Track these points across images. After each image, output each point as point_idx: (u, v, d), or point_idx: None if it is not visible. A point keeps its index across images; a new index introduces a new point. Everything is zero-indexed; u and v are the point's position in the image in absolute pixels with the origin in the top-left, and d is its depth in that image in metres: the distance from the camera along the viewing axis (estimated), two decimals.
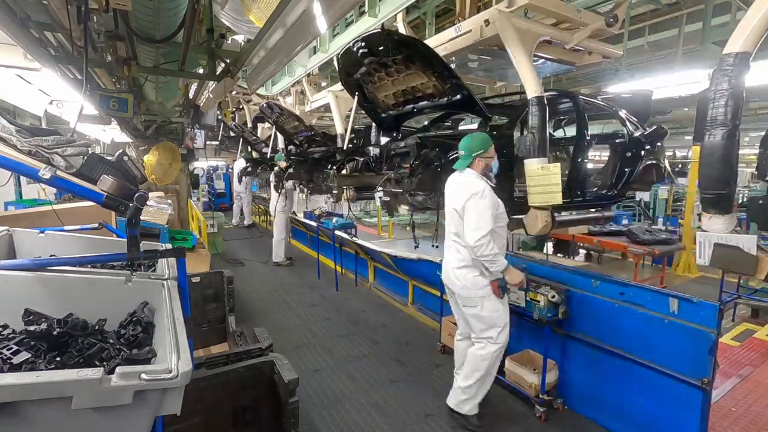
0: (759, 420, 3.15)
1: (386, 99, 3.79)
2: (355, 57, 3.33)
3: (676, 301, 2.68)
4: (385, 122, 4.14)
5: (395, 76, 3.40)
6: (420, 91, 3.43)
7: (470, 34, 3.44)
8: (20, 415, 0.81)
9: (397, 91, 3.60)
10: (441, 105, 3.53)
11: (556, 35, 3.48)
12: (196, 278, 3.64)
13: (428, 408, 3.19)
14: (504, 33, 3.11)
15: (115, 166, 2.53)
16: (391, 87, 3.58)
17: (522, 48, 3.07)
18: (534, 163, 2.99)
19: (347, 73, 3.63)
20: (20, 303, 1.24)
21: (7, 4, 2.36)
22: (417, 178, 3.35)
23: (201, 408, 2.09)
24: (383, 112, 4.02)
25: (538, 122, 2.96)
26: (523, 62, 3.06)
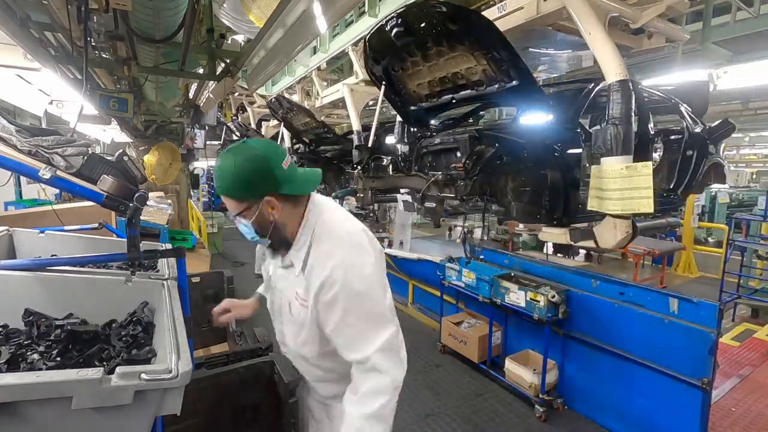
0: (759, 420, 3.15)
1: (419, 89, 3.31)
2: (387, 38, 2.87)
3: (676, 301, 2.68)
4: (413, 117, 3.67)
5: (434, 60, 2.91)
6: (463, 77, 2.93)
7: (521, 12, 2.91)
8: (20, 415, 0.81)
9: (433, 79, 3.13)
10: (488, 94, 2.98)
11: (625, 11, 2.89)
12: (196, 278, 3.64)
13: (428, 408, 3.19)
14: (575, 6, 2.59)
15: (115, 166, 2.53)
16: (427, 74, 3.10)
17: (598, 22, 2.55)
18: (615, 162, 2.42)
19: (375, 59, 3.19)
20: (20, 303, 1.24)
21: (7, 4, 2.36)
22: (474, 180, 2.91)
23: (201, 408, 2.09)
24: (412, 105, 3.54)
25: (622, 112, 2.43)
26: (600, 38, 2.53)
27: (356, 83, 5.31)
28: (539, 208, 2.79)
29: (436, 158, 3.39)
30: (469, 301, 4.10)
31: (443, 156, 3.32)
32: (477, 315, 4.05)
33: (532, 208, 2.85)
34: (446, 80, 3.06)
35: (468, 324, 3.94)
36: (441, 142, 3.27)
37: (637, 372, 2.79)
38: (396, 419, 3.07)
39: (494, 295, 3.42)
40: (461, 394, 3.38)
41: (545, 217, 2.79)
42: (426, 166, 3.46)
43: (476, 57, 2.70)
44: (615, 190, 2.43)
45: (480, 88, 2.93)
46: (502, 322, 3.74)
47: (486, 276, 3.51)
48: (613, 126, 2.41)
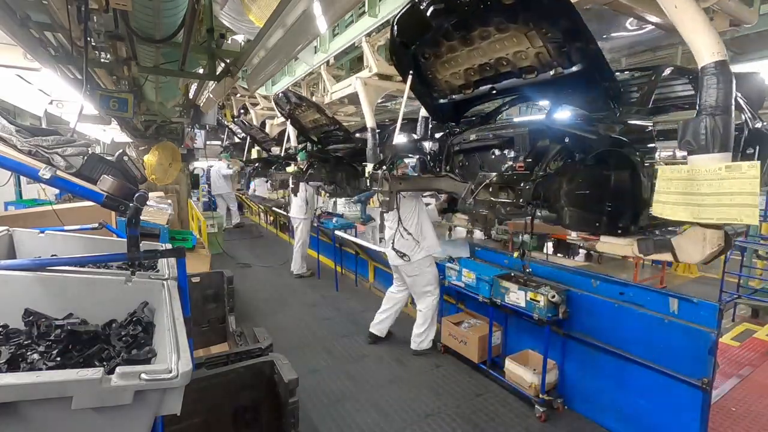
0: (759, 420, 3.15)
1: (452, 78, 2.92)
2: (421, 18, 2.50)
3: (676, 301, 2.68)
4: (441, 111, 3.29)
5: (476, 43, 2.50)
6: (509, 64, 2.55)
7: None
8: (20, 415, 0.81)
9: (471, 67, 2.72)
10: (536, 83, 2.57)
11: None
12: (196, 278, 3.64)
13: (428, 408, 3.19)
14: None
15: (115, 166, 2.52)
16: (464, 61, 2.70)
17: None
18: (711, 161, 1.97)
19: (403, 43, 2.81)
20: (20, 303, 1.24)
21: (7, 4, 2.36)
22: (542, 181, 2.51)
23: (201, 408, 2.09)
24: (442, 98, 3.15)
25: (721, 100, 2.00)
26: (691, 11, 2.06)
27: (370, 77, 4.96)
28: (599, 214, 2.43)
29: (468, 157, 3.04)
30: (469, 301, 4.10)
31: (477, 155, 2.97)
32: (477, 315, 4.05)
33: (589, 215, 2.47)
34: (487, 67, 2.66)
35: (468, 324, 3.94)
36: (478, 138, 2.86)
37: (637, 372, 2.79)
38: (396, 419, 3.08)
39: (494, 295, 3.42)
40: (461, 394, 3.38)
41: (606, 225, 2.41)
42: (457, 166, 3.12)
43: (530, 38, 2.29)
44: (709, 194, 1.97)
45: (529, 76, 2.53)
46: (502, 322, 3.74)
47: (486, 276, 3.51)
48: (709, 117, 1.96)
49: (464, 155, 3.11)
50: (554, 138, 2.52)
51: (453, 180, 3.08)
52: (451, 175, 3.10)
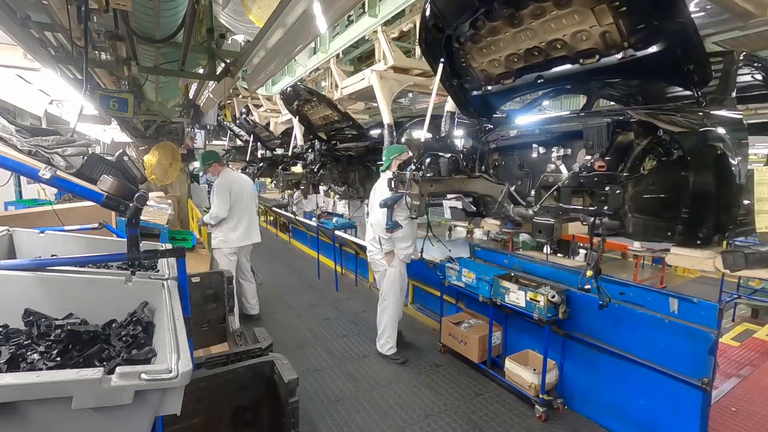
0: (759, 420, 3.15)
1: (490, 66, 2.61)
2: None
3: (676, 301, 2.68)
4: (473, 104, 2.99)
5: (527, 23, 2.20)
6: (565, 47, 2.22)
7: None
8: (20, 415, 0.81)
9: (516, 52, 2.40)
10: (601, 68, 2.22)
11: None
12: (196, 278, 3.64)
13: (428, 408, 3.19)
14: None
15: (115, 166, 2.53)
16: (509, 45, 2.38)
17: None
18: None
19: (437, 26, 2.52)
20: (20, 303, 1.24)
21: (7, 4, 2.36)
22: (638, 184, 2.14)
23: (201, 408, 2.09)
24: (476, 89, 2.86)
25: None
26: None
27: (385, 70, 4.64)
28: (672, 221, 2.09)
29: (505, 156, 2.76)
30: (469, 301, 4.10)
31: (516, 153, 2.70)
32: (477, 315, 4.05)
33: (659, 222, 2.15)
34: (535, 52, 2.33)
35: (468, 324, 3.94)
36: (521, 134, 2.58)
37: (637, 372, 2.79)
38: (396, 419, 3.08)
39: (494, 295, 3.42)
40: (461, 394, 3.38)
41: (682, 235, 2.07)
42: (491, 166, 2.86)
43: (598, 13, 1.96)
44: None
45: (588, 61, 2.20)
46: (502, 322, 3.74)
47: (486, 276, 3.51)
48: None
49: (500, 154, 2.82)
50: (642, 131, 2.08)
51: (488, 181, 2.82)
52: (485, 176, 2.83)
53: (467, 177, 2.95)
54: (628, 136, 2.13)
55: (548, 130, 2.49)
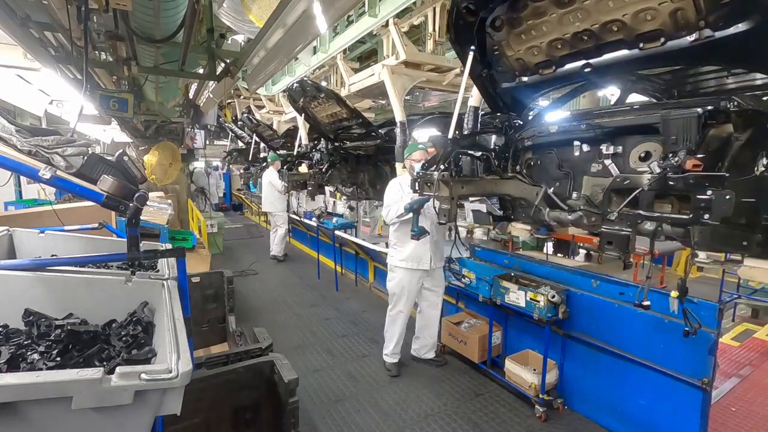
0: (759, 420, 3.15)
1: (528, 54, 2.38)
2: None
3: (677, 301, 2.68)
4: (504, 97, 2.76)
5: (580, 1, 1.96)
6: (626, 28, 1.95)
7: None
8: (20, 415, 0.81)
9: (562, 36, 2.14)
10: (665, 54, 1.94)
11: None
12: (196, 278, 3.64)
13: (428, 408, 3.19)
14: None
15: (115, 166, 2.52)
16: (554, 28, 2.13)
17: None
18: None
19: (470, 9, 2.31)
20: (20, 303, 1.24)
21: (7, 4, 2.36)
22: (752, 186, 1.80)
23: (201, 408, 2.09)
24: (508, 80, 2.61)
25: None
26: None
27: (396, 65, 4.40)
28: (750, 229, 1.84)
29: (541, 154, 2.56)
30: (469, 301, 4.10)
31: (555, 151, 2.49)
32: (477, 315, 4.05)
33: (733, 231, 1.87)
34: (585, 36, 2.07)
35: (468, 324, 3.93)
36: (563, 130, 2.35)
37: (637, 372, 2.79)
38: (396, 419, 3.07)
39: (494, 295, 3.42)
40: (461, 394, 3.38)
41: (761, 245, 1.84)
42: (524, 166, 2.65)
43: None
44: None
45: (650, 45, 1.93)
46: (502, 322, 3.74)
47: (486, 276, 3.51)
48: None
49: (535, 152, 2.59)
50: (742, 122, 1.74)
51: (522, 182, 2.58)
52: (519, 177, 2.60)
53: (499, 178, 2.70)
54: (725, 129, 1.78)
55: (599, 124, 2.17)
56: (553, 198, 2.41)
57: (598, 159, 2.21)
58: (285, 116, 8.62)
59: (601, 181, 2.16)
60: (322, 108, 5.03)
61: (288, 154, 7.52)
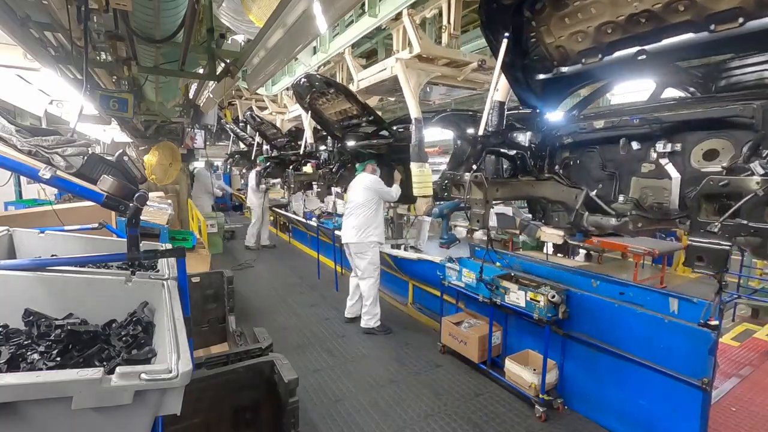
0: (759, 420, 3.15)
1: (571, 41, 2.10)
2: None
3: (676, 301, 2.68)
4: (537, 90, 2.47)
5: None
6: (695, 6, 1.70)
7: None
8: (20, 415, 0.81)
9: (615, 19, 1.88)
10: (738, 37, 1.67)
11: None
12: (196, 278, 3.64)
13: (428, 408, 3.19)
14: None
15: (115, 166, 2.53)
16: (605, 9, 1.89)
17: None
18: None
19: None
20: (20, 303, 1.24)
21: (7, 4, 2.36)
22: None
23: (201, 408, 2.09)
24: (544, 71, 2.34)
25: None
26: None
27: (410, 58, 4.18)
28: None
29: (581, 153, 2.34)
30: (469, 301, 4.10)
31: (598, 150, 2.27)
32: (477, 315, 4.05)
33: None
34: (642, 18, 1.84)
35: (468, 324, 3.94)
36: (613, 126, 2.11)
37: (637, 372, 2.79)
38: (396, 419, 3.07)
39: (494, 295, 3.42)
40: (461, 394, 3.38)
41: None
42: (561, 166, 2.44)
43: None
44: None
45: (722, 27, 1.68)
46: (502, 322, 3.74)
47: (486, 276, 3.51)
48: None
49: (573, 150, 2.37)
50: None
51: (560, 184, 2.36)
52: (556, 178, 2.40)
53: (535, 179, 2.47)
54: None
55: (660, 119, 1.93)
56: (597, 201, 2.18)
57: (649, 158, 2.01)
58: (288, 115, 8.43)
59: (654, 182, 1.98)
60: (330, 105, 4.80)
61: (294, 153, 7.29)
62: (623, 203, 2.10)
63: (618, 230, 2.12)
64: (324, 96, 4.72)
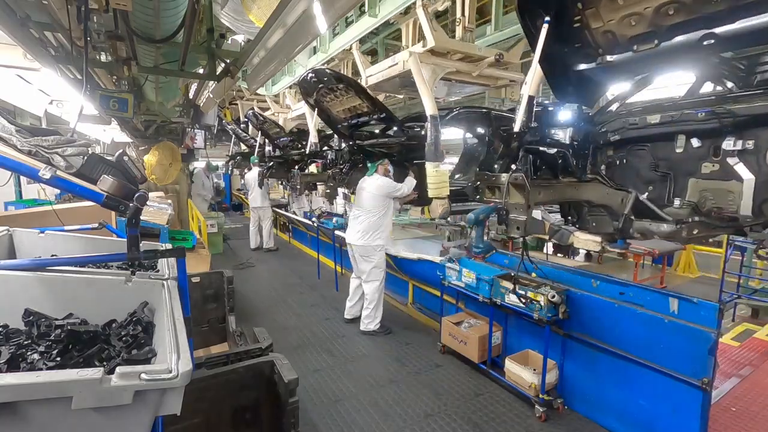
0: (759, 420, 3.15)
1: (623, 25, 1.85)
2: None
3: (676, 301, 2.68)
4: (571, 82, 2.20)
5: None
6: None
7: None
8: (20, 415, 0.81)
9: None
10: None
11: None
12: (196, 278, 3.64)
13: (428, 408, 3.19)
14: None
15: (115, 166, 2.53)
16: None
17: None
18: None
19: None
20: (20, 303, 1.24)
21: (7, 4, 2.36)
22: None
23: (201, 408, 2.09)
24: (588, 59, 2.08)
25: None
26: None
27: (423, 52, 3.95)
28: None
29: (629, 152, 2.13)
30: (469, 301, 4.10)
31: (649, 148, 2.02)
32: (477, 315, 4.05)
33: None
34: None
35: (468, 324, 3.94)
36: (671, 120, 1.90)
37: (637, 372, 2.79)
38: (396, 419, 3.07)
39: (494, 295, 3.42)
40: (461, 394, 3.38)
41: None
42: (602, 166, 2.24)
43: None
44: None
45: None
46: (502, 322, 3.74)
47: (486, 276, 3.51)
48: None
49: (618, 148, 2.15)
50: None
51: (604, 186, 2.16)
52: (600, 179, 2.20)
53: (577, 180, 2.24)
54: None
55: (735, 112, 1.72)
56: (649, 206, 1.96)
57: (713, 157, 1.81)
58: (291, 114, 8.31)
59: (717, 185, 1.78)
60: (339, 101, 4.53)
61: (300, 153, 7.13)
62: (679, 207, 1.89)
63: (670, 238, 1.96)
64: (332, 92, 4.41)
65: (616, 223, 2.10)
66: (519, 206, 2.05)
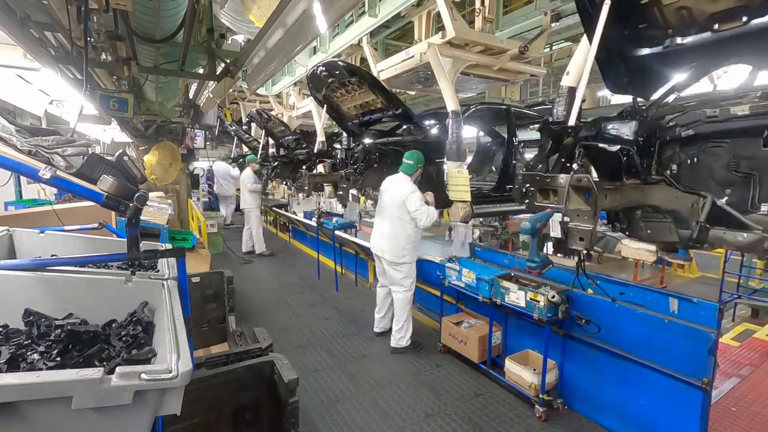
0: (759, 420, 3.15)
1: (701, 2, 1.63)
2: None
3: (676, 301, 2.68)
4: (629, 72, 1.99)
5: None
6: None
7: None
8: (20, 415, 0.81)
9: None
10: None
11: None
12: (196, 278, 3.64)
13: (428, 408, 3.19)
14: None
15: (115, 166, 2.53)
16: None
17: None
18: None
19: None
20: (20, 303, 1.24)
21: (7, 4, 2.36)
22: None
23: (201, 408, 2.09)
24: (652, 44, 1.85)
25: None
26: None
27: (442, 44, 3.64)
28: None
29: (701, 151, 1.85)
30: (469, 301, 4.10)
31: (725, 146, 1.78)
32: (477, 315, 4.05)
33: None
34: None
35: (468, 324, 3.93)
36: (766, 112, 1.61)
37: (637, 372, 2.79)
38: (396, 419, 3.07)
39: (494, 295, 3.42)
40: (461, 394, 3.38)
41: None
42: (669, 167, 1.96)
43: None
44: None
45: None
46: (502, 322, 3.74)
47: (486, 276, 3.51)
48: None
49: (688, 146, 1.88)
50: None
51: (673, 189, 1.92)
52: (667, 181, 1.96)
53: (643, 182, 1.98)
54: None
55: None
56: (730, 211, 1.73)
57: None
58: (296, 112, 8.18)
59: None
60: (350, 97, 4.20)
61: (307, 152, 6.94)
62: (766, 214, 1.66)
63: (749, 249, 1.75)
64: (344, 87, 4.08)
65: (686, 231, 1.86)
66: (582, 213, 1.79)
